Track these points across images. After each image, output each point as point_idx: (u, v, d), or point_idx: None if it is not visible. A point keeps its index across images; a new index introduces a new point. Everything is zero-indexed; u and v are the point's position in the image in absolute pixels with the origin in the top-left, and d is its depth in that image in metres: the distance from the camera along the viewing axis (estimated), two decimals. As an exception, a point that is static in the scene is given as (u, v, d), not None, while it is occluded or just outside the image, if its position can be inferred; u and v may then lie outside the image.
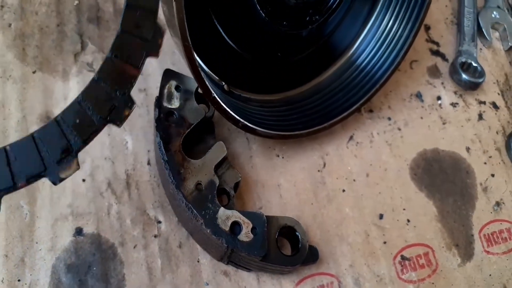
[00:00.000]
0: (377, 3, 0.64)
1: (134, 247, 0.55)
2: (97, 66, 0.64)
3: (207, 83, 0.50)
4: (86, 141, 0.38)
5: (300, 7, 0.58)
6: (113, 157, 0.60)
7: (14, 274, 0.53)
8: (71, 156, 0.37)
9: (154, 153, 0.60)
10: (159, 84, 0.61)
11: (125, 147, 0.60)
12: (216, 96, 0.52)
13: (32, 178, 0.36)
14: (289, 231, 0.55)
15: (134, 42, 0.41)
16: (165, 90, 0.57)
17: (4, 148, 0.36)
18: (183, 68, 0.55)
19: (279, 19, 0.58)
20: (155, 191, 0.59)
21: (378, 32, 0.64)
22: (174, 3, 0.43)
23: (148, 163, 0.60)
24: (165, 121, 0.55)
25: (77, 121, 0.38)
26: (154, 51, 0.42)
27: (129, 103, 0.40)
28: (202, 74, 0.55)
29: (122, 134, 0.61)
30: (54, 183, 0.37)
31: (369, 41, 0.64)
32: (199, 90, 0.55)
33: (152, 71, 0.66)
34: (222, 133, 0.63)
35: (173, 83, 0.57)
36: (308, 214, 0.61)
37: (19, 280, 0.52)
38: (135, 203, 0.58)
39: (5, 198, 0.55)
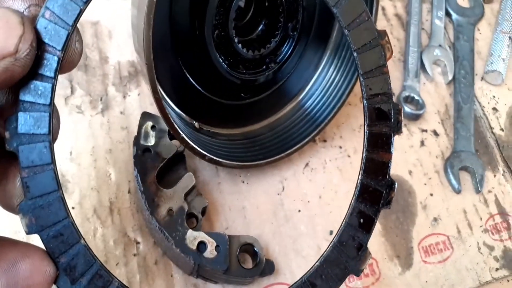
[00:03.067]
0: (323, 57, 0.76)
1: (116, 264, 0.65)
2: (85, 108, 0.75)
3: (176, 125, 0.60)
4: (370, 232, 0.46)
5: (257, 58, 0.69)
6: (98, 187, 0.69)
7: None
8: (364, 250, 0.45)
9: (134, 183, 0.70)
10: (137, 123, 0.72)
11: (109, 178, 0.70)
12: (185, 136, 0.62)
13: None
14: (249, 248, 0.65)
15: (381, 132, 0.46)
16: (142, 130, 0.67)
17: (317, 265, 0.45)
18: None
19: (239, 68, 0.69)
20: (135, 216, 0.68)
21: (324, 80, 0.75)
22: (145, 64, 0.53)
23: (129, 192, 0.70)
24: (141, 157, 0.65)
25: (361, 220, 0.46)
26: (399, 130, 0.46)
27: (392, 185, 0.46)
28: (174, 114, 0.65)
29: (106, 167, 0.71)
30: (357, 275, 0.46)
31: (316, 88, 0.75)
32: (171, 130, 0.65)
33: (132, 110, 0.76)
34: (193, 163, 0.73)
35: (149, 123, 0.68)
36: (268, 232, 0.71)
37: (18, 295, 0.61)
38: (117, 227, 0.67)
39: (4, 223, 0.65)
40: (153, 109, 0.75)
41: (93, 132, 0.73)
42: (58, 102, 0.75)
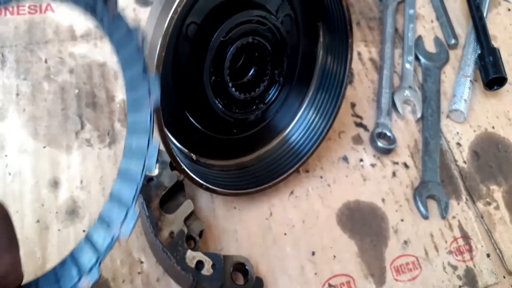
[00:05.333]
0: (305, 98, 0.87)
1: (123, 281, 0.72)
2: (94, 142, 0.84)
3: (177, 158, 0.70)
4: None
5: (248, 100, 0.79)
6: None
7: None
8: None
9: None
10: None
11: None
12: (185, 167, 0.71)
13: None
14: (241, 267, 0.74)
15: None
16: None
17: None
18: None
19: (232, 108, 0.79)
20: (139, 238, 0.76)
21: (307, 118, 0.85)
22: (154, 114, 0.62)
23: (133, 217, 0.78)
24: (146, 186, 0.74)
25: None
26: None
27: None
28: (175, 149, 0.74)
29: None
30: None
31: (300, 124, 0.86)
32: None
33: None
34: (191, 191, 0.82)
35: (153, 156, 0.76)
36: (258, 253, 0.80)
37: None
38: (123, 248, 0.75)
39: (23, 245, 0.72)
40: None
41: (101, 163, 0.82)
42: (70, 136, 0.84)
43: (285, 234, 0.83)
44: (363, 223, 0.87)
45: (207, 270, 0.69)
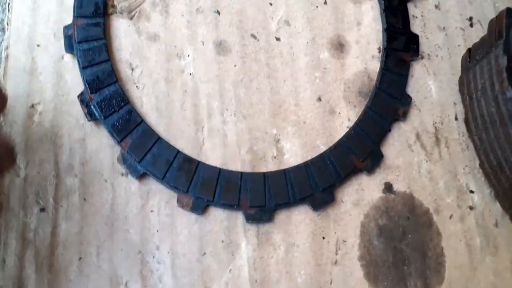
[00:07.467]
0: None
1: (450, 217, 0.46)
2: (396, -10, 0.53)
3: None
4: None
5: None
6: (419, 104, 0.49)
7: (319, 227, 0.45)
8: None
9: (461, 107, 0.50)
10: (458, 25, 0.51)
11: (430, 94, 0.50)
12: None
13: None
14: None
15: None
16: (511, 33, 0.45)
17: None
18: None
19: None
20: (465, 154, 0.49)
21: None
22: None
23: (456, 119, 0.50)
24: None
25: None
26: None
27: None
28: None
29: (425, 77, 0.50)
30: None
31: None
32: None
33: (450, 7, 0.54)
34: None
35: (518, 24, 0.46)
36: None
37: (323, 238, 0.44)
38: (446, 164, 0.48)
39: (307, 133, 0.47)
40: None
41: (407, 26, 0.52)
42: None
43: None
44: None
45: None
